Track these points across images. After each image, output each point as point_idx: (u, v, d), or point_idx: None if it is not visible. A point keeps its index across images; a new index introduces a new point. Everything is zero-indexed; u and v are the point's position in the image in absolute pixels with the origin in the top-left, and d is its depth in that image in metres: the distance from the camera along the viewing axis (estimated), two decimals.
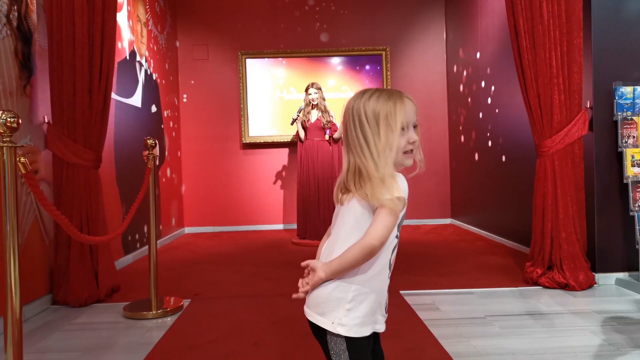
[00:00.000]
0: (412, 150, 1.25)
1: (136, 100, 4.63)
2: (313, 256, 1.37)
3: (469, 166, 5.54)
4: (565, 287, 2.99)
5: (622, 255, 3.10)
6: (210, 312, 2.75)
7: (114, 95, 4.06)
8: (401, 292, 3.02)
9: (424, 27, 6.25)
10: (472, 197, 5.50)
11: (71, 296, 2.90)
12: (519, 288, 3.07)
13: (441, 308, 2.70)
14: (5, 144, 1.42)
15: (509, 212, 4.49)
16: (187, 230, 6.18)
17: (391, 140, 1.19)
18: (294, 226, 5.72)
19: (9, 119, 1.41)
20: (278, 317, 2.62)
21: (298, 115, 5.06)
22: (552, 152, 3.06)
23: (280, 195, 6.23)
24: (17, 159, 1.46)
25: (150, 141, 2.77)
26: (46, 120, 2.99)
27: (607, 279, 3.09)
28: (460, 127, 5.79)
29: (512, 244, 4.40)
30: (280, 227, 6.23)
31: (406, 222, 6.24)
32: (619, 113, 3.04)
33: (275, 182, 6.22)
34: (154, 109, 5.13)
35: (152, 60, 5.12)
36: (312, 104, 5.01)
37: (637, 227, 2.95)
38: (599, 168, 3.10)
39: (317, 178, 4.95)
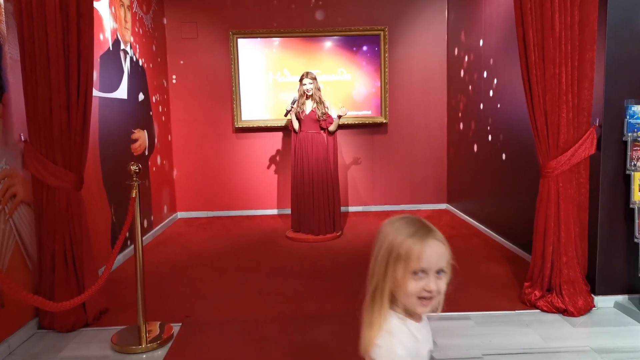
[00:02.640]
0: (429, 298, 1.09)
1: (122, 92, 4.40)
2: (307, 254, 1.33)
3: (467, 156, 5.40)
4: (564, 312, 2.93)
5: (622, 279, 3.03)
6: (200, 344, 2.68)
7: (97, 93, 3.84)
8: None
9: (425, 4, 5.93)
10: (469, 187, 5.40)
11: (57, 322, 2.82)
12: (516, 312, 3.01)
13: (437, 341, 2.64)
14: None
15: (506, 211, 4.40)
16: (180, 215, 6.08)
17: (397, 280, 1.07)
18: (288, 211, 5.59)
19: None
20: (268, 348, 2.56)
21: (292, 107, 4.85)
22: (557, 173, 2.93)
23: (274, 180, 6.10)
24: None
25: (134, 167, 2.60)
26: (22, 139, 2.81)
27: (606, 302, 3.03)
28: (460, 114, 5.60)
29: (509, 244, 4.33)
30: (274, 212, 6.13)
31: (401, 207, 6.17)
32: (630, 134, 2.89)
33: (269, 167, 6.07)
34: (141, 97, 4.90)
35: (137, 45, 4.84)
36: (307, 95, 4.79)
37: None
38: (605, 190, 2.98)
39: (311, 171, 4.80)
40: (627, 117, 2.89)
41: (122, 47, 4.45)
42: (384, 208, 6.16)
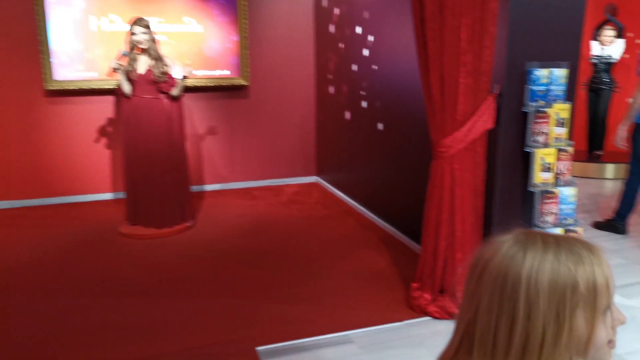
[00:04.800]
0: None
1: None
2: (148, 257, 0.64)
3: (338, 124, 4.78)
4: None
5: None
6: None
7: None
8: (258, 349, 2.22)
9: None
10: (340, 159, 4.81)
11: None
12: (404, 322, 2.46)
13: None
14: None
15: (382, 188, 3.88)
16: None
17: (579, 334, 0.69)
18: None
19: None
20: None
21: (119, 64, 3.69)
22: (452, 152, 2.38)
23: (106, 157, 4.88)
24: None
25: None
26: None
27: None
28: (330, 76, 4.93)
29: (385, 225, 3.84)
30: (108, 196, 4.93)
31: (266, 183, 5.42)
32: (531, 103, 2.42)
33: (97, 141, 4.82)
34: None
35: None
36: (140, 48, 3.68)
37: None
38: (503, 171, 2.51)
39: (149, 147, 3.74)
40: (529, 83, 2.41)
41: None
42: (246, 184, 5.34)
